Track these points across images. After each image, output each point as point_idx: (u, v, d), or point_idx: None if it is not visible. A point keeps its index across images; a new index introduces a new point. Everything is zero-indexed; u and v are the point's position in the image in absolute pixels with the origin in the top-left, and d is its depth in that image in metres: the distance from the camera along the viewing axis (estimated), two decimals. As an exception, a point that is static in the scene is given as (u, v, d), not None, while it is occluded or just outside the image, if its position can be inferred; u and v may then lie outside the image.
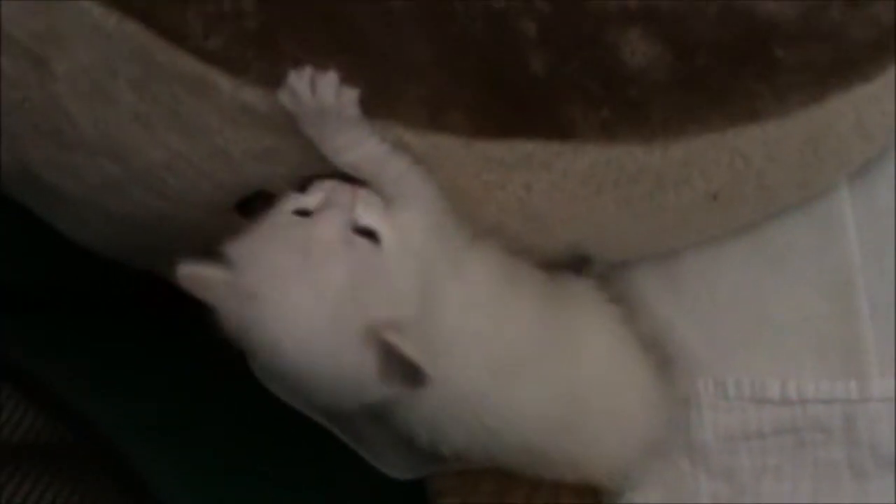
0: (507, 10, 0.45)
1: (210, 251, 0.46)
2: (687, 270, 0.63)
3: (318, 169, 0.49)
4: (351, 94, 0.44)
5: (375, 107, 0.46)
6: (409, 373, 0.43)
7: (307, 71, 0.43)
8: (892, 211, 0.61)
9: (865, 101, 0.53)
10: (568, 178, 0.52)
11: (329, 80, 0.43)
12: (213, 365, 0.49)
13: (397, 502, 0.61)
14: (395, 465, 0.60)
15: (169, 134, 0.48)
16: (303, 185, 0.49)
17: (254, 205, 0.51)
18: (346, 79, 0.45)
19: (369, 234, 0.46)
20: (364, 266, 0.44)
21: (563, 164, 0.51)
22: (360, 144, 0.46)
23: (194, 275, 0.45)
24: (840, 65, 0.49)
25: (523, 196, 0.52)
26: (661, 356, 0.61)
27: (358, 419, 0.57)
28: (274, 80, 0.45)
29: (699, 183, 0.54)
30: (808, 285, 0.61)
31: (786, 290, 0.62)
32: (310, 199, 0.46)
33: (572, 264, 0.58)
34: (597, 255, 0.60)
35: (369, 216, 0.46)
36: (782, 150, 0.54)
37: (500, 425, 0.52)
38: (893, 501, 0.59)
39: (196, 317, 0.46)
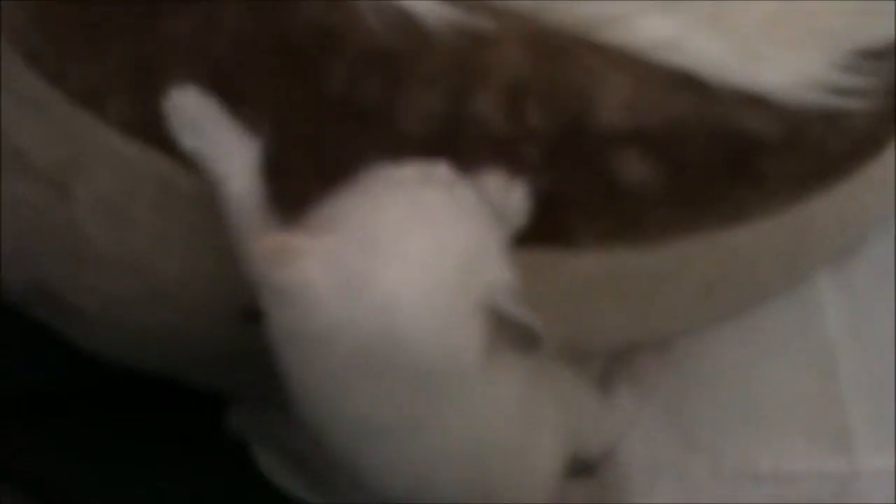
0: (510, 136, 0.51)
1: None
2: (677, 352, 0.69)
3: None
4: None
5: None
6: (522, 338, 0.44)
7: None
8: (869, 290, 0.68)
9: (844, 198, 0.60)
10: (568, 279, 0.58)
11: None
12: (221, 471, 0.54)
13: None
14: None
15: (185, 250, 0.53)
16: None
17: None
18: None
19: None
20: (482, 233, 0.45)
21: (566, 268, 0.57)
22: None
23: (279, 246, 0.42)
24: (820, 172, 0.56)
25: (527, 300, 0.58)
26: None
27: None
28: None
29: (693, 277, 0.61)
30: (793, 365, 0.68)
31: (772, 370, 0.68)
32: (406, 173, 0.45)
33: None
34: (593, 346, 0.66)
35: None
36: (769, 244, 0.60)
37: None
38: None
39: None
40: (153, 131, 0.50)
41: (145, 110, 0.49)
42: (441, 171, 0.45)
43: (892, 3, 0.54)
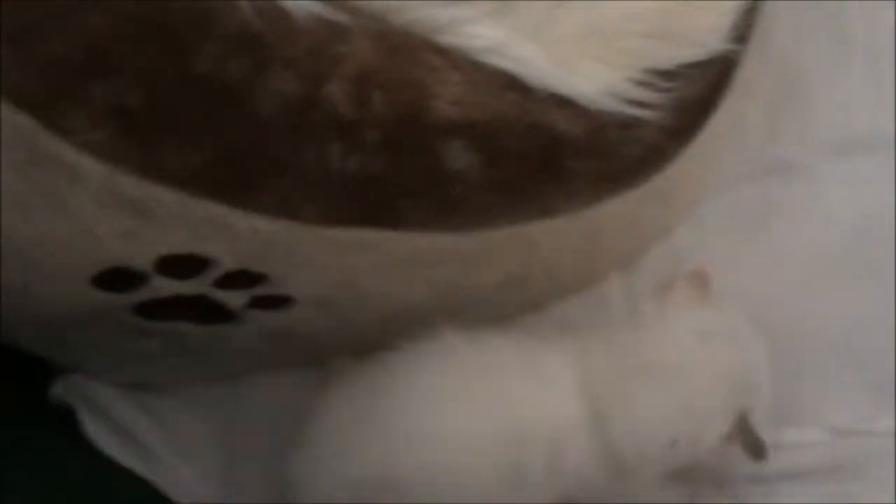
0: (355, 122, 0.69)
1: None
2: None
3: (174, 248, 0.70)
4: None
5: (240, 198, 0.68)
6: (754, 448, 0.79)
7: None
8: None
9: (633, 205, 0.82)
10: (391, 258, 0.76)
11: None
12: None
13: None
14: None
15: (41, 213, 0.67)
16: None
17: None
18: (217, 172, 0.67)
19: None
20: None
21: (390, 247, 0.75)
22: None
23: None
24: (614, 175, 0.78)
25: (351, 276, 0.77)
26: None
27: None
28: (148, 170, 0.66)
29: (498, 266, 0.82)
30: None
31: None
32: None
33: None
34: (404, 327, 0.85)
35: None
36: (567, 241, 0.82)
37: None
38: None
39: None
40: (22, 93, 0.63)
41: (18, 74, 0.62)
42: None
43: (684, 31, 0.77)
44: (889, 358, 0.90)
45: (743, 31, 0.81)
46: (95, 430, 0.91)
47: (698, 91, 0.79)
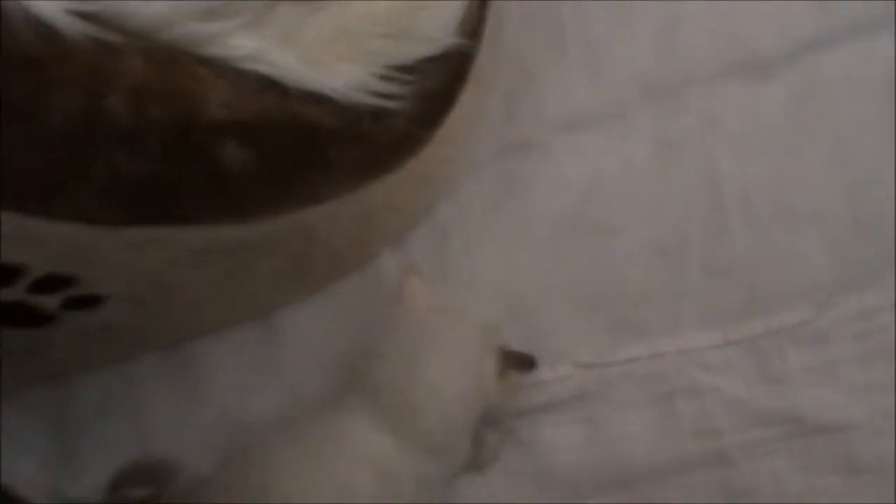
0: (135, 131, 0.76)
1: None
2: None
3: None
4: None
5: (40, 208, 0.74)
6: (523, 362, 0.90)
7: None
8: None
9: (393, 188, 0.91)
10: (185, 252, 0.83)
11: None
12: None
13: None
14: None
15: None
16: None
17: None
18: (16, 186, 0.73)
19: None
20: None
21: (181, 242, 0.82)
22: None
23: None
24: (374, 160, 0.87)
25: (152, 270, 0.83)
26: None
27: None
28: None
29: (282, 251, 0.90)
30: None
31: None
32: None
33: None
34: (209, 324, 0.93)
35: None
36: (340, 223, 0.91)
37: None
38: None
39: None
40: None
41: None
42: None
43: (417, 30, 0.86)
44: (621, 298, 1.02)
45: (474, 26, 0.89)
46: None
47: (439, 82, 0.88)
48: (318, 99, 0.80)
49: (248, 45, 0.77)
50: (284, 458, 0.87)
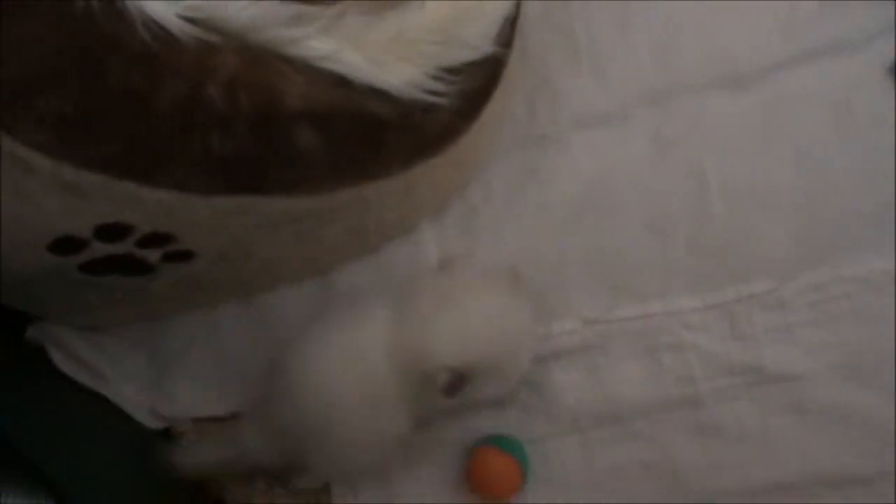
0: (227, 116, 0.75)
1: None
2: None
3: (104, 219, 0.75)
4: None
5: (147, 177, 0.73)
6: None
7: None
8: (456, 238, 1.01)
9: (436, 170, 0.90)
10: (263, 218, 0.82)
11: None
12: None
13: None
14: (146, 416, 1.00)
15: (6, 197, 0.71)
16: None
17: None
18: (129, 159, 0.72)
19: None
20: None
21: (261, 210, 0.81)
22: None
23: None
24: (421, 146, 0.86)
25: (236, 233, 0.82)
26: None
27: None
28: (81, 161, 0.70)
29: (342, 220, 0.89)
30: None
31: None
32: None
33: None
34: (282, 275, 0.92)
35: None
36: (390, 198, 0.90)
37: None
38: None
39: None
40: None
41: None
42: None
43: (463, 38, 0.84)
44: (620, 268, 1.02)
45: (506, 37, 0.89)
46: (61, 361, 1.00)
47: (478, 83, 0.87)
48: (378, 93, 0.80)
49: (324, 47, 0.77)
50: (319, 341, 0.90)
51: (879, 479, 0.95)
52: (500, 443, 0.97)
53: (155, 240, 0.83)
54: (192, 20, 0.71)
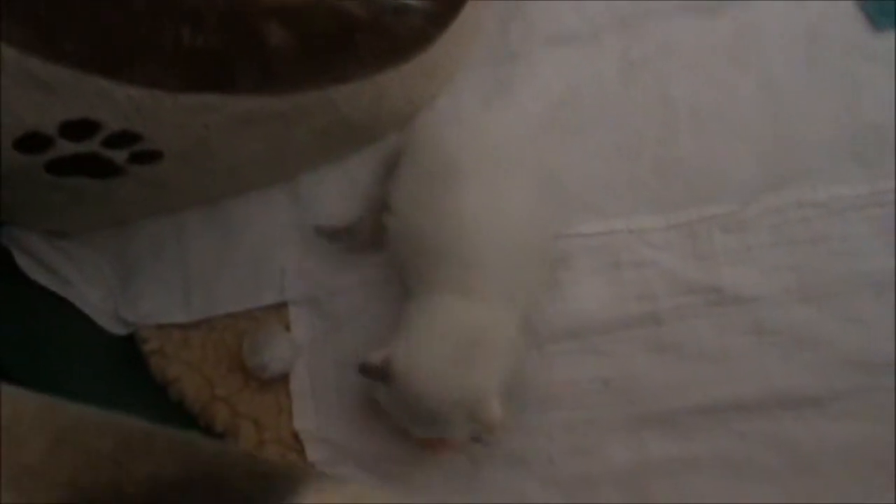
0: (198, 9, 0.75)
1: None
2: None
3: (71, 115, 0.76)
4: None
5: (117, 72, 0.74)
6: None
7: None
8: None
9: (405, 76, 0.92)
10: (230, 118, 0.84)
11: None
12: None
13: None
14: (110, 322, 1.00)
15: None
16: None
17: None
18: (100, 53, 0.73)
19: None
20: None
21: (229, 108, 0.82)
22: None
23: None
24: (392, 50, 0.87)
25: (203, 132, 0.83)
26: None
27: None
28: (54, 57, 0.70)
29: (309, 123, 0.90)
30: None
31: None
32: None
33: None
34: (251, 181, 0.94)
35: None
36: (358, 102, 0.91)
37: None
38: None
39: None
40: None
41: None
42: None
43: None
44: (586, 186, 1.04)
45: None
46: (27, 265, 1.01)
47: (450, -10, 0.89)
48: (351, -9, 0.81)
49: (297, -57, 0.77)
50: None
51: (830, 400, 0.99)
52: None
53: (122, 139, 0.83)
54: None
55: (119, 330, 1.03)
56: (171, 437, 0.63)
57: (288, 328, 1.02)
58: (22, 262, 1.00)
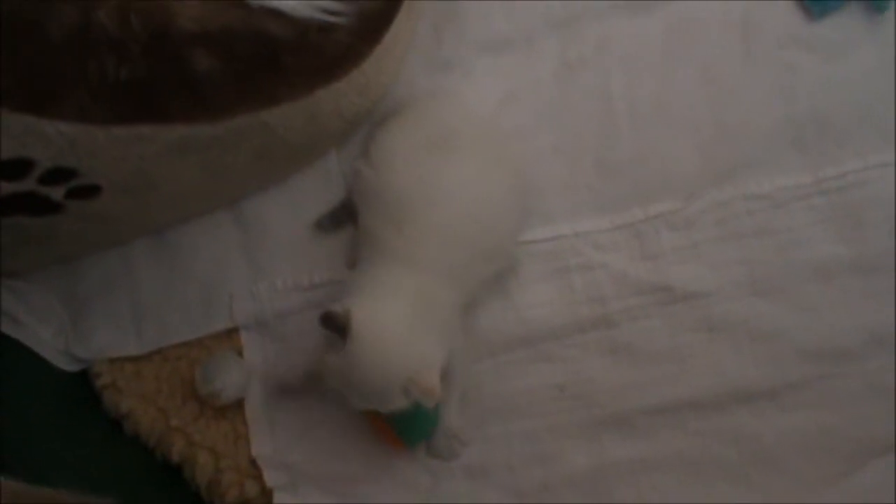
0: (121, 40, 0.77)
1: None
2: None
3: (6, 155, 0.78)
4: None
5: (45, 109, 0.76)
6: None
7: None
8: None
9: (338, 94, 0.93)
10: (166, 147, 0.85)
11: None
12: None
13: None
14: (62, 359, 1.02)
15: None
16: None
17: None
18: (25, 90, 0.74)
19: None
20: None
21: (163, 138, 0.84)
22: None
23: None
24: (322, 68, 0.89)
25: (139, 163, 0.85)
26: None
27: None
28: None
29: (246, 147, 0.92)
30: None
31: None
32: None
33: None
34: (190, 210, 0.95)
35: None
36: (294, 124, 0.93)
37: None
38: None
39: None
40: None
41: None
42: None
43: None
44: (528, 191, 1.05)
45: None
46: None
47: (378, 4, 0.91)
48: (275, 13, 0.83)
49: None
50: None
51: (784, 391, 1.02)
52: None
53: (57, 175, 0.85)
54: (76, -59, 0.73)
55: (72, 367, 1.05)
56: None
57: (241, 353, 1.04)
58: None
